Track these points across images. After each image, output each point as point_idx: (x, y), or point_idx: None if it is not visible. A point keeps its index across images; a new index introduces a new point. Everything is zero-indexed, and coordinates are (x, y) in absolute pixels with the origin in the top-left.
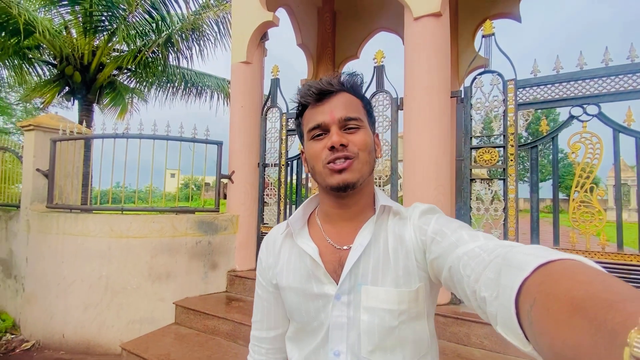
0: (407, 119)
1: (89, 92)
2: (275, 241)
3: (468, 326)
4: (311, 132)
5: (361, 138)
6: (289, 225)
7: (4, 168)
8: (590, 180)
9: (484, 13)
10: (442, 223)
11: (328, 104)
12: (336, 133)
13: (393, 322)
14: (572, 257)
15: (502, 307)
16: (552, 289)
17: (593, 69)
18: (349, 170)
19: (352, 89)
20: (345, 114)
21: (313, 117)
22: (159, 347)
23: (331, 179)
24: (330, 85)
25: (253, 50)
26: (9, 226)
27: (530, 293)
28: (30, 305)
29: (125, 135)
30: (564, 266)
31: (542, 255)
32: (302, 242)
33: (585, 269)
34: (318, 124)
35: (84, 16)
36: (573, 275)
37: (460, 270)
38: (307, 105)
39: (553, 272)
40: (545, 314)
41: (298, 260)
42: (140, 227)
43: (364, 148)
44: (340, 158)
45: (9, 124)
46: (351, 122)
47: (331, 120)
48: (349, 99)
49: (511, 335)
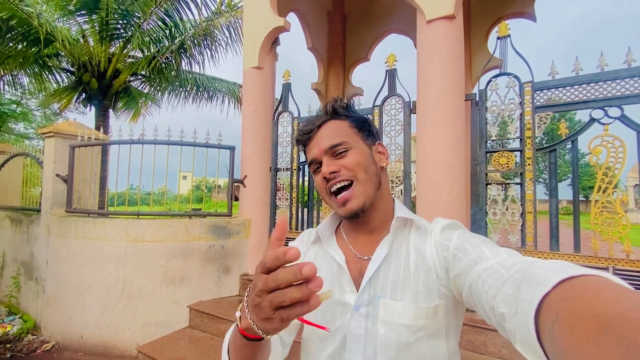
0: (420, 123)
1: (105, 98)
2: (302, 244)
3: (485, 334)
4: (311, 167)
5: (351, 159)
6: (318, 233)
7: (25, 172)
8: (612, 184)
9: (498, 13)
10: (465, 239)
11: (316, 138)
12: (326, 164)
13: (410, 337)
14: (596, 272)
15: (521, 323)
16: (576, 305)
17: (615, 70)
18: (351, 199)
19: (333, 114)
20: (329, 143)
21: (309, 154)
22: (173, 351)
23: (340, 210)
24: (317, 119)
25: (264, 56)
26: (30, 230)
27: (551, 309)
28: (51, 307)
29: (141, 141)
30: (587, 282)
31: (563, 271)
32: (331, 249)
33: (610, 286)
34: (312, 159)
35: (100, 25)
36: (598, 292)
37: (479, 287)
38: (305, 143)
39: (576, 288)
40: (568, 332)
41: (324, 265)
42: (155, 231)
43: (358, 168)
44: (336, 185)
45: (29, 129)
46: (337, 147)
47: (319, 153)
48: (333, 127)
49: (530, 353)
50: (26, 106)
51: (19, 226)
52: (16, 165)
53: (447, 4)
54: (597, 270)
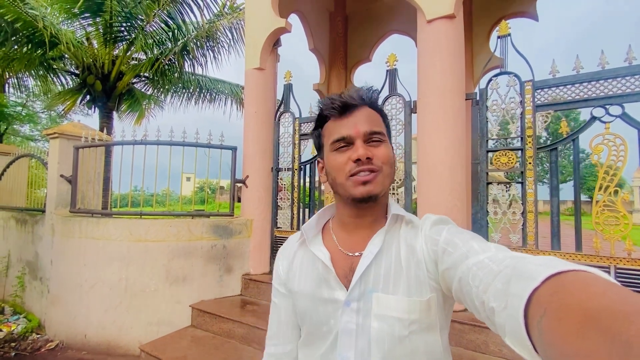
0: (420, 122)
1: (109, 100)
2: (291, 248)
3: (486, 334)
4: (335, 144)
5: (384, 152)
6: (302, 233)
7: (30, 174)
8: (614, 183)
9: (500, 13)
10: (454, 234)
11: (352, 118)
12: (362, 146)
13: (403, 331)
14: (584, 268)
15: (511, 317)
16: (564, 299)
17: (616, 68)
18: (373, 182)
19: (372, 104)
20: (369, 128)
21: (337, 130)
22: (176, 350)
23: (355, 190)
24: (353, 99)
25: (266, 57)
26: (35, 230)
27: (540, 303)
28: (55, 306)
29: (143, 141)
30: (576, 277)
31: (552, 266)
32: (315, 248)
33: (598, 281)
34: (343, 136)
35: (104, 27)
36: (586, 287)
37: (469, 281)
38: (329, 117)
39: (565, 283)
40: (556, 325)
41: (310, 266)
42: (157, 231)
43: (387, 162)
44: (365, 171)
45: (34, 131)
46: (375, 135)
47: (356, 133)
48: (371, 114)
49: (519, 346)
50: (31, 108)
51: (24, 226)
52: (21, 167)
53: (447, 3)
54: (586, 266)
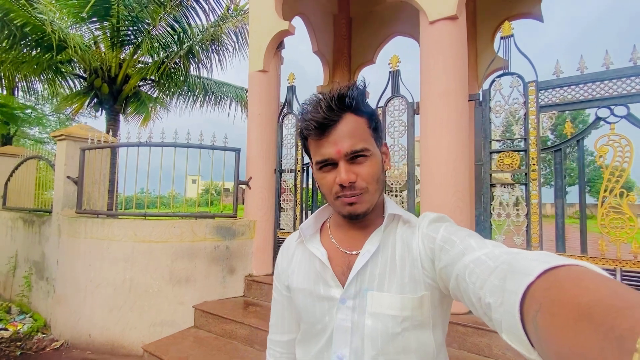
0: (423, 124)
1: (115, 103)
2: (290, 247)
3: (489, 337)
4: (318, 165)
5: (369, 170)
6: (300, 232)
7: (38, 175)
8: (620, 184)
9: (504, 14)
10: (451, 231)
11: (332, 136)
12: (344, 170)
13: (396, 328)
14: (578, 263)
15: (507, 313)
16: (558, 294)
17: (620, 69)
18: (358, 203)
19: (355, 108)
20: (351, 148)
21: (319, 151)
22: (178, 350)
23: (343, 209)
24: (331, 113)
25: (270, 59)
26: (42, 230)
27: (535, 299)
28: (60, 306)
29: (148, 143)
30: (570, 272)
31: (547, 261)
32: (312, 247)
33: (591, 275)
34: (325, 159)
35: (111, 31)
36: (579, 281)
37: (466, 278)
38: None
39: (559, 278)
40: (551, 320)
41: (308, 263)
42: (161, 231)
43: (372, 180)
44: (349, 195)
45: (43, 133)
46: (358, 153)
47: (337, 155)
48: (353, 125)
49: (516, 341)
50: (40, 111)
51: (31, 227)
52: (30, 168)
53: (449, 5)
54: (580, 261)
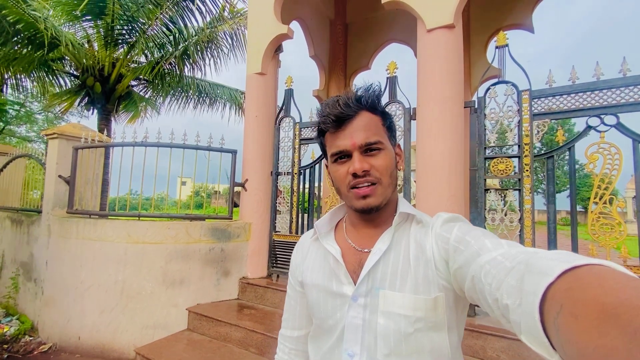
0: (419, 129)
1: (108, 102)
2: (305, 243)
3: (484, 339)
4: (334, 157)
5: (383, 162)
6: (316, 229)
7: (26, 175)
8: (609, 191)
9: (496, 24)
10: (465, 231)
11: (349, 129)
12: (358, 160)
13: (408, 328)
14: (599, 262)
15: (526, 314)
16: (580, 295)
17: (611, 79)
18: (372, 195)
19: (370, 107)
20: (365, 140)
21: (334, 143)
22: (172, 353)
23: (356, 202)
24: (348, 108)
25: (267, 62)
26: (31, 230)
27: (556, 299)
28: (49, 308)
29: (144, 143)
30: (591, 271)
31: (567, 260)
32: (327, 244)
33: (615, 275)
34: (340, 150)
35: (105, 30)
36: (602, 281)
37: (482, 278)
38: (326, 130)
39: (580, 278)
40: (573, 322)
41: (322, 260)
42: (155, 233)
43: (385, 172)
44: (362, 184)
45: (30, 132)
46: (372, 145)
47: (352, 146)
48: (368, 120)
49: (536, 344)
50: (30, 109)
51: (19, 227)
52: (18, 167)
53: (446, 14)
54: (601, 260)
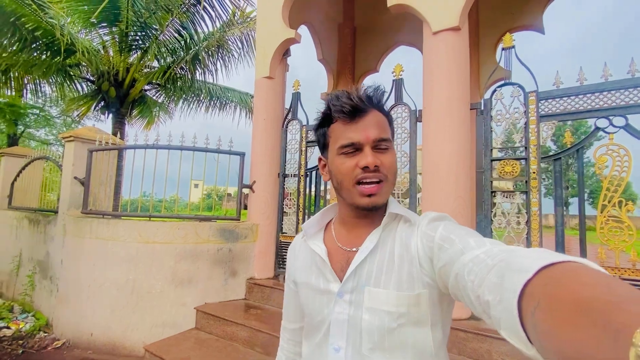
0: (426, 131)
1: (122, 106)
2: (296, 244)
3: (490, 343)
4: (342, 149)
5: (391, 160)
6: (304, 230)
7: (44, 177)
8: (618, 193)
9: (506, 26)
10: (450, 230)
11: (362, 122)
12: (370, 154)
13: (392, 323)
14: (575, 259)
15: (505, 310)
16: (556, 290)
17: (619, 80)
18: (378, 194)
19: (380, 107)
20: (378, 135)
21: (346, 135)
22: (179, 351)
23: (360, 200)
24: (362, 103)
25: (276, 66)
26: (47, 230)
27: (533, 295)
28: (63, 305)
29: (155, 146)
30: (567, 268)
31: (544, 258)
32: (313, 244)
33: (588, 272)
34: (352, 142)
35: (120, 36)
36: (577, 277)
37: (465, 276)
38: (336, 119)
39: (556, 274)
40: (549, 316)
41: (310, 260)
42: (165, 233)
43: (392, 170)
44: (371, 178)
45: (49, 135)
46: (383, 142)
47: (365, 140)
48: (379, 118)
49: (514, 338)
50: (48, 113)
51: (36, 226)
52: (36, 169)
53: (452, 16)
54: (577, 257)
